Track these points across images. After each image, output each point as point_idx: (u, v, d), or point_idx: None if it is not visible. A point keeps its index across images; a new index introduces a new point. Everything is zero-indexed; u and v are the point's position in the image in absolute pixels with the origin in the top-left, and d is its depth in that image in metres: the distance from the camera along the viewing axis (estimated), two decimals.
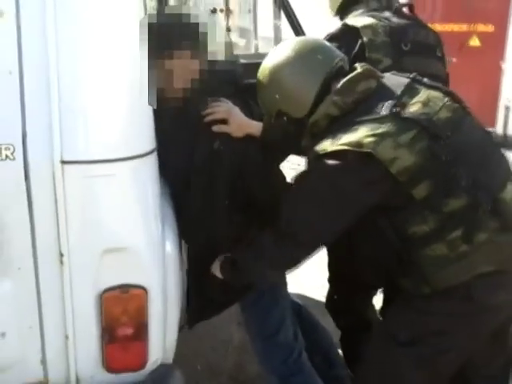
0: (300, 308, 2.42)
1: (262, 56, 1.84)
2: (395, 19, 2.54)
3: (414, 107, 1.58)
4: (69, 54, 1.34)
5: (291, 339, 2.05)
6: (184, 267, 1.81)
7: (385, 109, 1.55)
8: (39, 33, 1.30)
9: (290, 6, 2.88)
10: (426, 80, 1.72)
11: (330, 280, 2.66)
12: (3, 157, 1.32)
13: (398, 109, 1.55)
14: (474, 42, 8.16)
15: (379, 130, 1.51)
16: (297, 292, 3.27)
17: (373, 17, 2.47)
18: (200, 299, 1.91)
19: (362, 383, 1.82)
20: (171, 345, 1.67)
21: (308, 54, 1.67)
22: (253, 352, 2.20)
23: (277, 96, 1.68)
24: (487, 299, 1.56)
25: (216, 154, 1.81)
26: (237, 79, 1.92)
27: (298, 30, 2.89)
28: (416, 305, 1.64)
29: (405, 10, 2.57)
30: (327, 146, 1.55)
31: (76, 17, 1.35)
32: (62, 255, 1.42)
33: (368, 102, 1.60)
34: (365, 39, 2.39)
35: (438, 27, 8.32)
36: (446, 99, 1.65)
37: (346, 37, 2.41)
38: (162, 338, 1.60)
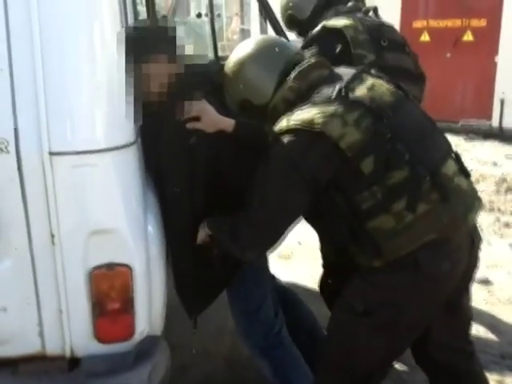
0: (285, 290, 2.59)
1: None
2: (368, 19, 2.71)
3: (360, 91, 1.76)
4: (54, 55, 1.49)
5: (272, 316, 2.22)
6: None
7: (334, 92, 1.73)
8: (26, 34, 1.46)
9: (272, 12, 3.05)
10: (373, 71, 1.90)
11: (324, 265, 2.79)
12: None
13: (345, 92, 1.72)
14: (468, 37, 8.27)
15: (329, 111, 1.68)
16: (289, 280, 3.45)
17: (348, 18, 2.64)
18: (192, 289, 2.07)
19: (325, 353, 1.94)
20: (157, 318, 1.81)
21: (267, 48, 1.88)
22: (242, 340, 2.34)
23: (241, 86, 1.87)
24: (433, 268, 1.69)
25: (193, 148, 1.97)
26: (212, 78, 2.08)
27: (279, 32, 3.07)
28: (368, 277, 1.77)
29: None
30: (283, 124, 1.73)
31: (60, 18, 1.50)
32: (53, 236, 1.58)
33: (320, 88, 1.78)
34: (348, 37, 2.56)
35: (433, 23, 8.48)
36: (390, 86, 1.83)
37: (327, 37, 2.57)
38: (147, 312, 1.75)
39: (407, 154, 1.68)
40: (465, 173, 1.82)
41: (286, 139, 1.73)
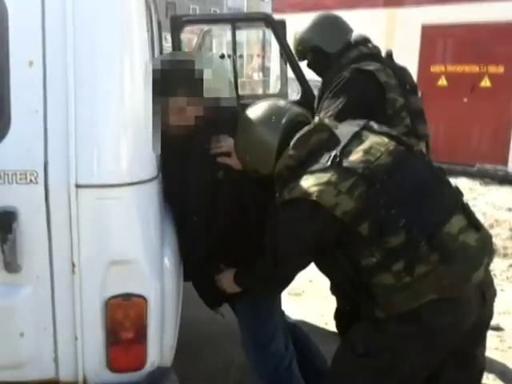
0: (294, 326, 2.61)
1: (265, 96, 2.13)
2: (391, 63, 2.80)
3: (355, 155, 1.79)
4: (86, 98, 1.59)
5: (282, 349, 2.25)
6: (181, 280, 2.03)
7: (328, 159, 1.78)
8: (61, 79, 1.57)
9: (292, 54, 3.16)
10: (376, 127, 1.93)
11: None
12: (28, 181, 1.57)
13: (338, 159, 1.76)
14: (486, 82, 8.35)
15: (323, 180, 1.74)
16: (299, 318, 3.46)
17: (376, 62, 2.72)
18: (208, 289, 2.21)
19: None
20: (168, 349, 1.86)
21: (263, 120, 1.94)
22: (252, 371, 2.37)
23: (247, 158, 1.98)
24: (435, 322, 1.70)
25: (219, 182, 2.06)
26: (237, 119, 2.16)
27: (298, 74, 3.18)
28: (372, 321, 1.79)
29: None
30: (285, 195, 1.82)
31: (93, 59, 1.60)
32: (73, 265, 1.64)
33: (318, 153, 1.83)
34: (381, 81, 2.63)
35: (450, 68, 8.61)
36: (391, 144, 1.85)
37: (361, 79, 2.63)
38: (159, 343, 1.79)
39: (403, 219, 1.70)
40: (475, 226, 1.79)
41: (289, 209, 1.81)
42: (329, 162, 1.77)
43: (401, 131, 2.05)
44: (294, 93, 4.05)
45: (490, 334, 3.50)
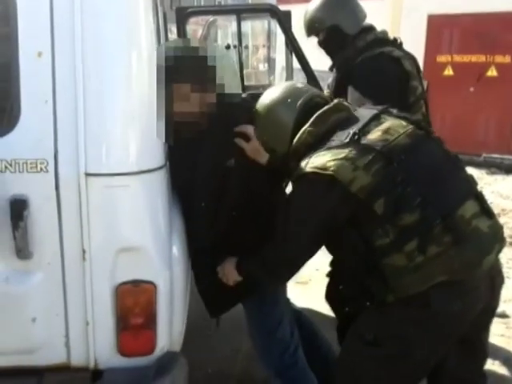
0: (300, 315, 2.64)
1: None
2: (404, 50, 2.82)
3: (374, 135, 1.81)
4: (92, 88, 1.61)
5: (288, 336, 2.28)
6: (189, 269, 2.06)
7: (348, 137, 1.80)
8: (69, 70, 1.60)
9: (298, 44, 3.17)
10: (395, 112, 1.96)
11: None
12: (38, 169, 1.60)
13: (357, 137, 1.79)
14: (492, 72, 8.33)
15: (341, 155, 1.75)
16: (306, 306, 3.49)
17: (396, 49, 2.72)
18: (213, 294, 2.17)
19: (335, 379, 1.98)
20: (177, 335, 1.89)
21: (278, 103, 1.98)
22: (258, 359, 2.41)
23: (264, 138, 2.01)
24: (444, 307, 1.71)
25: (230, 170, 2.08)
26: (248, 108, 2.18)
27: (304, 64, 3.19)
28: (381, 309, 1.81)
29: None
30: (302, 168, 1.82)
31: (99, 50, 1.62)
32: (84, 252, 1.68)
33: (337, 131, 1.85)
34: (406, 69, 2.64)
35: (457, 58, 8.58)
36: (409, 127, 1.88)
37: (389, 63, 2.63)
38: (168, 328, 1.83)
39: (418, 197, 1.72)
40: (488, 213, 1.81)
41: (305, 183, 1.83)
42: (347, 139, 1.79)
43: (418, 118, 2.06)
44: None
45: (495, 320, 3.52)
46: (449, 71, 8.47)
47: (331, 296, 2.75)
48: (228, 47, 3.39)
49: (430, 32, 8.62)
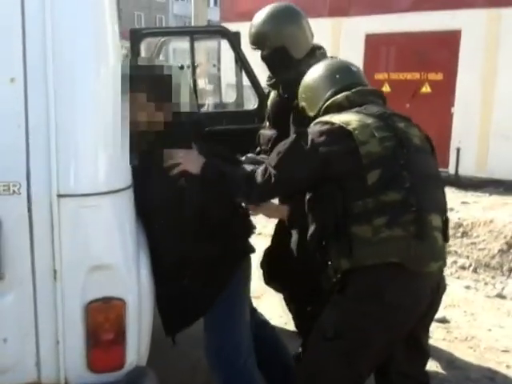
0: (266, 324, 2.70)
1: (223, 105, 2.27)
2: None
3: (397, 123, 2.05)
4: (63, 112, 1.67)
5: (241, 366, 2.28)
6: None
7: (378, 111, 2.04)
8: (42, 94, 1.65)
9: (247, 61, 3.31)
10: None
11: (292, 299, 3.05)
12: (11, 192, 1.64)
13: (386, 115, 2.03)
14: (426, 89, 8.75)
15: (366, 121, 1.98)
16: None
17: None
18: (172, 312, 2.21)
19: (298, 375, 2.13)
20: (144, 349, 1.94)
21: (330, 73, 2.25)
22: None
23: (303, 95, 2.31)
24: (396, 300, 1.88)
25: (183, 189, 2.14)
26: (199, 125, 2.26)
27: (254, 83, 3.33)
28: (339, 304, 1.97)
29: None
30: (326, 116, 2.07)
31: (70, 70, 1.68)
32: (55, 272, 1.71)
33: (369, 106, 2.09)
34: None
35: (393, 75, 8.97)
36: (422, 134, 2.13)
37: None
38: (137, 343, 1.87)
39: (408, 183, 1.92)
40: (445, 236, 2.02)
41: (322, 126, 2.02)
42: (378, 113, 2.03)
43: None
44: (248, 101, 4.18)
45: (437, 325, 3.80)
46: (386, 88, 8.83)
47: (293, 292, 2.90)
48: (182, 68, 3.48)
49: (368, 51, 8.99)
